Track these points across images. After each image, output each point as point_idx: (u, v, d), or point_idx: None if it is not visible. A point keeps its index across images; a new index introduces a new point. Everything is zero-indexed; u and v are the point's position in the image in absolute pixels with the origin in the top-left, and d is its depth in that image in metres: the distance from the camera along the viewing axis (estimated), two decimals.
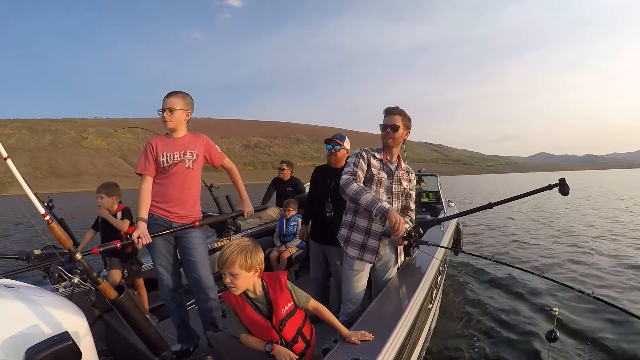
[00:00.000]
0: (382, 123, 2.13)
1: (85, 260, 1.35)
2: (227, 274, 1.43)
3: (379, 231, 2.09)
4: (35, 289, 1.48)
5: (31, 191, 1.35)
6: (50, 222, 1.29)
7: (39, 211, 1.28)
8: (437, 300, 3.18)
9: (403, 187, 2.19)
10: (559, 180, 2.34)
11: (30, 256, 2.35)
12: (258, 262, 1.47)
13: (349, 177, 2.02)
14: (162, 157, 2.11)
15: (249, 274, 1.45)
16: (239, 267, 1.42)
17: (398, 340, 1.50)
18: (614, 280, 5.17)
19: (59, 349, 1.00)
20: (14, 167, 1.24)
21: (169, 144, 2.15)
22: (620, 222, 10.48)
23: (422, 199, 6.92)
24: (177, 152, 2.14)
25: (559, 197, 2.34)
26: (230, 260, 1.41)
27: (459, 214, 3.16)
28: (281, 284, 1.54)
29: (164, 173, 2.13)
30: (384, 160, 2.16)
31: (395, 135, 2.10)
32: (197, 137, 2.26)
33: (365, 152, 2.15)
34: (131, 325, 1.30)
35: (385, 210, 1.88)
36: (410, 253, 2.64)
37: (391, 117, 2.09)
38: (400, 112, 2.10)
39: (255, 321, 1.50)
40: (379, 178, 2.10)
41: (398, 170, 2.19)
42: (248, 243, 1.49)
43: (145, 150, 2.14)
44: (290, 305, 1.53)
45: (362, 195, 1.94)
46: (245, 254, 1.44)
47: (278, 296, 1.51)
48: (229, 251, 1.43)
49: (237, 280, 1.43)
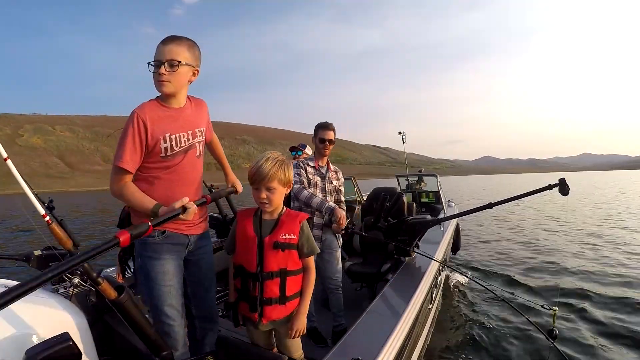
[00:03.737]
0: (319, 137, 2.53)
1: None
2: (264, 188, 1.36)
3: (321, 223, 2.53)
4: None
5: (31, 191, 1.35)
6: (51, 223, 1.29)
7: (39, 212, 1.28)
8: (437, 300, 3.18)
9: (333, 185, 2.65)
10: (559, 181, 2.33)
11: (30, 256, 2.35)
12: (292, 177, 1.43)
13: (299, 186, 2.45)
14: (163, 142, 1.42)
15: (284, 190, 1.40)
16: (278, 182, 1.36)
17: (398, 340, 1.50)
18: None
19: (59, 350, 1.00)
20: (14, 167, 1.24)
21: (170, 119, 1.46)
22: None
23: (422, 199, 6.93)
24: (185, 133, 1.49)
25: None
26: (271, 174, 1.34)
27: (459, 214, 3.16)
28: (300, 216, 1.45)
29: (167, 165, 1.46)
30: (316, 166, 2.60)
31: (331, 147, 2.58)
32: (199, 104, 1.61)
33: (301, 163, 2.57)
34: (131, 326, 1.30)
35: (332, 208, 2.40)
36: (410, 253, 2.64)
37: (329, 132, 2.54)
38: (334, 128, 2.57)
39: (246, 234, 1.42)
40: (315, 181, 2.56)
41: (328, 172, 2.65)
42: (283, 157, 1.42)
43: (133, 130, 1.36)
44: (291, 238, 1.40)
45: (312, 199, 2.42)
46: (284, 167, 1.37)
47: (287, 221, 1.42)
48: (268, 165, 1.35)
49: (274, 195, 1.37)
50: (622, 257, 6.43)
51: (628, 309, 4.10)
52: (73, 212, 22.74)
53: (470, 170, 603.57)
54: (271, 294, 1.40)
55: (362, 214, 3.65)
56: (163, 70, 1.39)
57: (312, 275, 1.48)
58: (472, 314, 4.10)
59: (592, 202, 18.05)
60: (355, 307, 2.98)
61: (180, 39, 1.44)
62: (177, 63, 1.40)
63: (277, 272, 1.39)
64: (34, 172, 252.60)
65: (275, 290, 1.40)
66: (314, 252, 1.47)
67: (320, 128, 2.55)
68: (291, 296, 1.43)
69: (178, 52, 1.41)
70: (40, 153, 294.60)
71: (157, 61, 1.40)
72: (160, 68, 1.39)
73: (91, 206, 29.54)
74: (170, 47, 1.40)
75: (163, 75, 1.39)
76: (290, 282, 1.42)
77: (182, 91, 1.50)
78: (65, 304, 1.39)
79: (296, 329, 1.42)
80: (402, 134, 7.22)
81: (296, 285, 1.45)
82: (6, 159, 1.22)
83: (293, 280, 1.43)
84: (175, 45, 1.41)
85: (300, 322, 1.42)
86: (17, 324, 1.13)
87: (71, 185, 37.53)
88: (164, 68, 1.39)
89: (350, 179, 6.36)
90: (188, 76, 1.47)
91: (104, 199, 42.21)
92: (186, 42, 1.45)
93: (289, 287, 1.42)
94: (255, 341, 1.54)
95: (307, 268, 1.47)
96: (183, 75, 1.44)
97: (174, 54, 1.40)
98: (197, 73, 1.52)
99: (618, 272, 5.49)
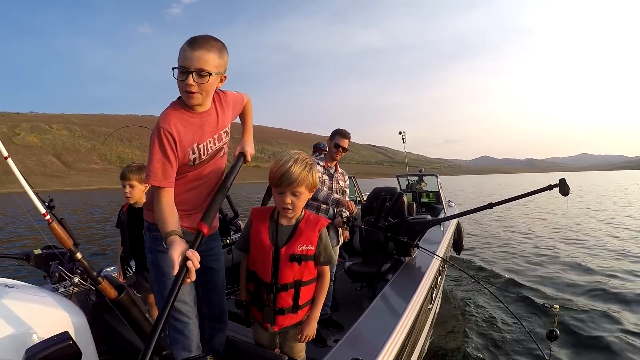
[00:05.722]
0: (335, 142, 2.69)
1: (85, 260, 1.35)
2: (290, 193, 1.26)
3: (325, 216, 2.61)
4: (35, 288, 1.48)
5: (32, 190, 1.35)
6: (51, 222, 1.29)
7: (39, 210, 1.28)
8: (437, 300, 3.18)
9: (340, 185, 2.84)
10: (559, 181, 2.33)
11: (30, 255, 2.35)
12: (317, 180, 1.33)
13: None
14: (192, 153, 1.34)
15: (309, 195, 1.30)
16: (305, 187, 1.26)
17: (398, 340, 1.50)
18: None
19: (59, 349, 1.00)
20: (14, 166, 1.23)
21: (196, 127, 1.34)
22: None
23: (423, 199, 6.92)
24: (212, 138, 1.40)
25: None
26: (301, 179, 1.23)
27: (459, 214, 3.16)
28: (319, 224, 1.35)
29: (194, 172, 1.41)
30: (325, 166, 2.77)
31: (342, 154, 2.76)
32: (223, 100, 1.45)
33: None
34: (131, 325, 1.29)
35: (337, 199, 2.62)
36: (410, 253, 2.64)
37: (345, 141, 2.71)
38: (350, 137, 2.73)
39: (262, 241, 1.33)
40: (323, 179, 2.71)
41: (336, 173, 2.83)
42: (309, 157, 1.31)
43: (162, 145, 1.26)
44: (309, 249, 1.32)
45: (318, 192, 2.59)
46: (312, 171, 1.27)
47: (306, 230, 1.33)
48: (297, 168, 1.23)
49: (299, 200, 1.28)
50: (623, 257, 6.44)
51: (629, 308, 4.11)
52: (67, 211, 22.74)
53: (468, 170, 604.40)
54: (284, 304, 1.37)
55: (363, 213, 3.65)
56: (191, 80, 1.21)
57: (327, 282, 1.43)
58: (472, 313, 4.10)
59: (593, 201, 18.06)
60: (355, 307, 2.98)
61: (210, 43, 1.24)
62: (208, 74, 1.22)
63: (291, 283, 1.34)
64: (30, 170, 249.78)
65: (289, 300, 1.37)
66: (331, 263, 1.41)
67: (338, 134, 2.71)
68: (304, 304, 1.41)
69: (208, 60, 1.22)
70: (36, 152, 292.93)
71: (183, 68, 1.21)
72: (187, 78, 1.21)
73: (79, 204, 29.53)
74: (200, 55, 1.21)
75: (192, 87, 1.22)
76: (304, 291, 1.39)
77: (209, 98, 1.36)
78: (66, 303, 1.39)
79: (306, 335, 1.41)
80: (403, 133, 7.22)
81: (309, 293, 1.42)
82: (7, 158, 1.22)
83: (307, 289, 1.39)
84: (205, 52, 1.21)
85: (310, 328, 1.40)
86: (17, 323, 1.13)
87: (67, 184, 37.34)
88: (192, 78, 1.21)
89: (351, 178, 6.37)
90: (216, 84, 1.32)
91: (94, 198, 42.06)
92: (216, 46, 1.25)
93: (302, 297, 1.39)
94: (259, 340, 1.53)
95: (321, 275, 1.42)
96: (212, 85, 1.30)
97: (204, 63, 1.21)
98: (224, 79, 1.35)
99: (619, 272, 5.50)
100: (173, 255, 1.10)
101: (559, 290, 4.75)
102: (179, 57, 1.23)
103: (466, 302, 4.52)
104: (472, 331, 3.65)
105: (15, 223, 15.71)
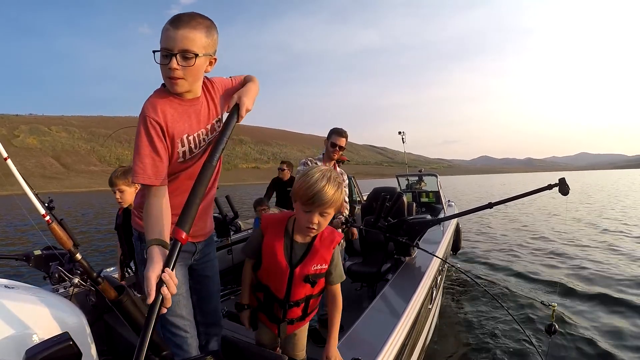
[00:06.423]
0: (332, 141, 2.66)
1: (85, 261, 1.35)
2: (318, 213, 1.17)
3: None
4: (35, 289, 1.48)
5: (31, 191, 1.35)
6: (51, 223, 1.29)
7: (39, 211, 1.28)
8: (437, 300, 3.18)
9: None
10: (559, 180, 2.33)
11: (30, 256, 2.35)
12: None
13: None
14: (181, 145, 1.18)
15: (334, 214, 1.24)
16: (335, 209, 1.19)
17: (398, 340, 1.50)
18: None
19: (59, 350, 1.00)
20: (14, 167, 1.24)
21: (186, 116, 1.19)
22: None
23: (422, 198, 6.92)
24: (204, 129, 1.24)
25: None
26: (334, 200, 1.15)
27: (459, 213, 3.16)
28: (334, 241, 1.31)
29: (185, 170, 1.25)
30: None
31: (340, 153, 2.72)
32: (212, 88, 1.29)
33: (309, 161, 2.72)
34: (131, 325, 1.29)
35: None
36: (410, 253, 2.64)
37: (341, 139, 2.67)
38: (347, 136, 2.69)
39: (277, 260, 1.28)
40: None
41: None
42: (339, 176, 1.24)
43: (150, 136, 1.10)
44: (322, 268, 1.30)
45: None
46: (342, 191, 1.19)
47: (321, 249, 1.29)
48: (331, 190, 1.14)
49: (326, 220, 1.20)
50: (623, 256, 6.44)
51: (628, 307, 4.11)
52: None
53: (468, 170, 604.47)
54: (294, 316, 1.39)
55: (363, 213, 3.65)
56: (175, 64, 1.05)
57: (339, 303, 1.37)
58: (472, 313, 4.11)
59: (593, 200, 18.07)
60: (355, 307, 2.98)
61: (196, 20, 1.07)
62: (194, 55, 1.07)
63: (303, 299, 1.35)
64: (29, 172, 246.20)
65: (299, 312, 1.39)
66: (341, 280, 1.38)
67: (334, 133, 2.69)
68: (311, 311, 1.42)
69: (194, 39, 1.06)
70: (35, 154, 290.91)
71: (166, 50, 1.06)
72: (171, 61, 1.05)
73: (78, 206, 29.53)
74: (184, 34, 1.04)
75: (175, 71, 1.07)
76: (313, 302, 1.40)
77: (198, 83, 1.19)
78: (65, 303, 1.39)
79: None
80: (402, 133, 7.22)
81: (317, 301, 1.42)
82: (6, 159, 1.22)
83: (316, 300, 1.41)
84: (190, 30, 1.05)
85: (333, 354, 1.32)
86: (17, 323, 1.13)
87: (66, 185, 36.90)
88: (176, 61, 1.06)
89: (351, 178, 6.38)
90: (204, 67, 1.15)
91: (92, 199, 42.07)
92: (204, 24, 1.09)
93: (311, 306, 1.40)
94: (261, 339, 1.54)
95: (334, 296, 1.36)
96: (199, 69, 1.13)
97: (189, 43, 1.05)
98: (214, 62, 1.18)
99: (619, 271, 5.50)
100: (149, 275, 0.89)
101: (557, 289, 4.75)
102: (161, 38, 1.07)
103: (466, 301, 4.52)
104: (472, 331, 3.65)
105: (15, 224, 15.71)
